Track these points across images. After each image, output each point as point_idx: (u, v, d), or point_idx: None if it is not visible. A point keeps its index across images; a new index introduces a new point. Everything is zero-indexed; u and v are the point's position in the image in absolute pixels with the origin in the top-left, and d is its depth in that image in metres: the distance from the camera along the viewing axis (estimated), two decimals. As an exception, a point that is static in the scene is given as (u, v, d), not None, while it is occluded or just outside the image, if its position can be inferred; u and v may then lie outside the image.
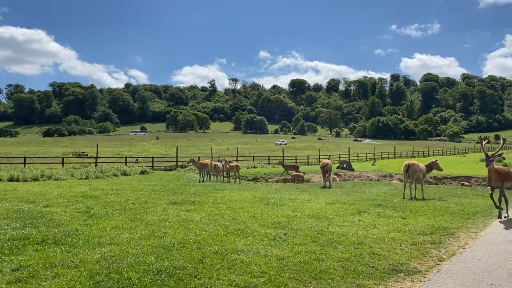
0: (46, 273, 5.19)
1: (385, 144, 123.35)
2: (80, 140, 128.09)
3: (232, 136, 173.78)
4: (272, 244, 7.18)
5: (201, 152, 62.88)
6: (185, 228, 8.36)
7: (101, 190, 15.56)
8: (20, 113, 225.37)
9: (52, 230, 7.73)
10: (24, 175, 20.92)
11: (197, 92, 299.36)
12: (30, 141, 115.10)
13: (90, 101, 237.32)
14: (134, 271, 5.36)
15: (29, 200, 12.13)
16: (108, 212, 10.15)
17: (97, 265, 5.56)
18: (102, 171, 25.08)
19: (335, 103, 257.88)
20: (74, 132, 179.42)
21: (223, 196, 14.42)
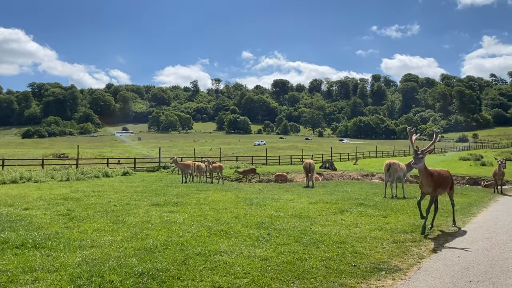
0: (25, 278, 5.10)
1: (367, 143, 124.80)
2: (60, 141, 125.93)
3: (215, 136, 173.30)
4: (256, 244, 7.20)
5: (184, 152, 62.49)
6: (168, 230, 8.31)
7: (82, 192, 15.34)
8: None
9: (32, 234, 7.60)
10: (3, 178, 20.46)
11: (179, 93, 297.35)
12: (9, 143, 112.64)
13: (70, 101, 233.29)
14: (116, 274, 5.31)
15: (7, 203, 11.89)
16: (89, 215, 10.02)
17: (78, 269, 5.49)
18: (83, 173, 24.72)
19: (317, 103, 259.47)
20: (54, 133, 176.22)
21: (206, 197, 14.39)
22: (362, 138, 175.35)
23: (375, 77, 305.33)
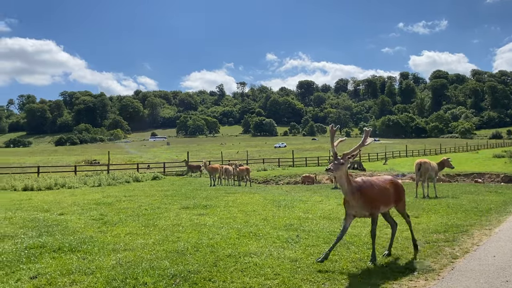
0: (63, 280, 5.29)
1: (396, 142, 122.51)
2: (91, 148, 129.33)
3: (241, 139, 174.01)
4: (285, 246, 7.22)
5: (211, 156, 63.09)
6: (198, 232, 8.43)
7: (114, 197, 15.73)
8: (32, 123, 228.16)
9: (68, 238, 7.86)
10: (38, 184, 21.21)
11: (206, 97, 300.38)
12: (43, 151, 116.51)
13: (100, 109, 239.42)
14: (149, 276, 5.44)
15: (44, 208, 12.31)
16: (121, 219, 10.27)
17: (113, 271, 5.65)
18: (114, 178, 25.31)
19: (344, 103, 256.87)
20: (85, 140, 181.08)
21: (234, 199, 14.49)
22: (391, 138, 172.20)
23: (403, 74, 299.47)
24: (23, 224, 9.44)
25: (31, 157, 72.09)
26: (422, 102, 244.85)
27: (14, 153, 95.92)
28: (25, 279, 5.35)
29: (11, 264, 6.04)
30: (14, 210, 11.92)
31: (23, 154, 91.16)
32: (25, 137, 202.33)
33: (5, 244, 7.27)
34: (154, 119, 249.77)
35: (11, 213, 11.22)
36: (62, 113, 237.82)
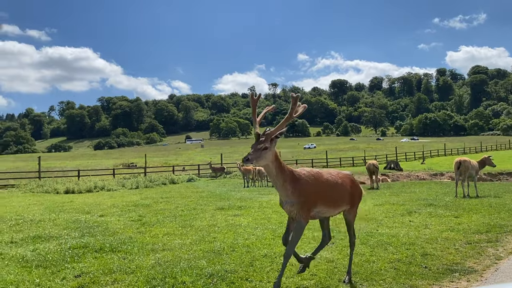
0: (106, 279, 5.47)
1: (434, 141, 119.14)
2: (129, 151, 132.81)
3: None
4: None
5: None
6: (233, 233, 8.51)
7: (151, 198, 16.10)
8: (72, 128, 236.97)
9: (108, 238, 8.11)
10: (79, 187, 21.98)
11: (238, 99, 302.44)
12: (83, 155, 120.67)
13: (136, 113, 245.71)
14: (188, 275, 5.54)
15: (85, 210, 12.75)
16: (159, 220, 10.50)
17: (153, 270, 5.80)
18: (151, 180, 25.91)
19: (378, 101, 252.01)
20: (123, 144, 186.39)
21: (268, 200, 14.52)
22: (429, 136, 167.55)
23: (440, 71, 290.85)
24: (66, 226, 9.82)
25: (71, 161, 74.80)
26: (460, 99, 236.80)
27: (56, 157, 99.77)
28: (70, 277, 5.57)
29: (57, 263, 6.30)
30: (57, 212, 12.42)
31: (64, 158, 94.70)
32: (66, 142, 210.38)
33: (50, 244, 7.59)
34: (188, 122, 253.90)
35: (54, 215, 11.69)
36: (100, 118, 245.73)
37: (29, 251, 7.03)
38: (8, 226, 9.65)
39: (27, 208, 13.52)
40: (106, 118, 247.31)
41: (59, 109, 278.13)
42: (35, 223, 10.12)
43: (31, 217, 11.01)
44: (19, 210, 12.90)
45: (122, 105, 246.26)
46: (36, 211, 12.58)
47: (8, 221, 10.42)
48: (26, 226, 9.76)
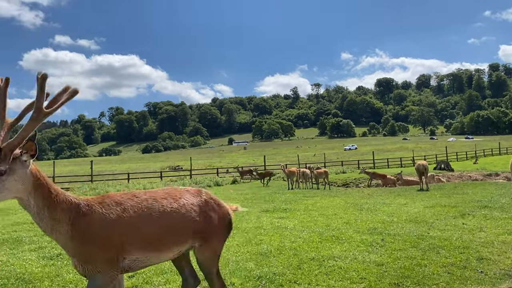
0: (158, 279, 5.64)
1: (488, 140, 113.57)
2: (174, 154, 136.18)
3: (317, 141, 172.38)
4: (369, 250, 7.03)
5: (287, 159, 63.25)
6: (279, 235, 8.51)
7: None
8: (121, 133, 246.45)
9: (159, 240, 8.34)
10: (129, 190, 22.78)
11: (280, 101, 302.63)
12: (131, 158, 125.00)
13: (181, 117, 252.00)
14: (236, 277, 5.61)
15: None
16: (206, 222, 10.66)
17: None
18: (197, 183, 26.45)
19: (427, 100, 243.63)
20: (169, 147, 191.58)
21: (314, 203, 14.39)
22: (481, 135, 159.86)
23: (493, 66, 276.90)
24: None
25: (121, 165, 77.71)
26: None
27: (106, 161, 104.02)
28: (124, 278, 5.79)
29: (111, 263, 6.56)
30: (110, 213, 12.93)
31: (114, 162, 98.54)
32: (116, 146, 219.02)
33: (105, 245, 7.92)
34: (231, 124, 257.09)
35: (107, 216, 12.18)
36: (147, 122, 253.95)
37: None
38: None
39: (82, 210, 14.16)
40: (153, 122, 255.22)
41: (109, 115, 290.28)
42: (90, 225, 10.58)
43: (86, 219, 11.54)
44: (74, 212, 13.54)
45: (167, 109, 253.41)
46: (90, 213, 13.16)
47: (65, 222, 10.96)
48: (81, 227, 10.23)
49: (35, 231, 9.70)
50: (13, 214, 13.67)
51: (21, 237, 8.93)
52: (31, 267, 6.37)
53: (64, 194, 3.20)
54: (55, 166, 30.41)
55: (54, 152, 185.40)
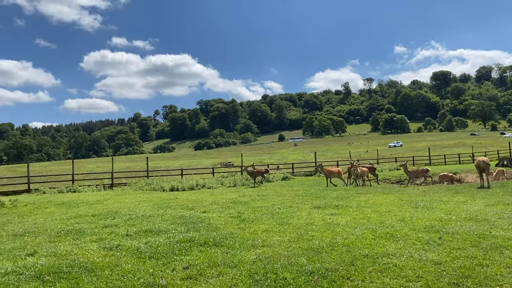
0: (211, 272, 5.77)
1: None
2: (225, 151, 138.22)
3: (370, 137, 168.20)
4: (426, 248, 6.78)
5: (339, 156, 62.25)
6: (331, 232, 8.41)
7: (248, 196, 16.57)
8: (175, 130, 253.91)
9: (212, 234, 8.54)
10: (183, 185, 23.42)
11: (331, 97, 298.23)
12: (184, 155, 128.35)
13: (232, 114, 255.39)
14: (288, 271, 5.62)
15: (189, 207, 13.56)
16: (257, 217, 10.77)
17: (254, 265, 5.98)
18: (248, 179, 26.65)
19: (487, 93, 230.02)
20: (220, 144, 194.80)
21: (367, 199, 14.09)
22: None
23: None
24: (173, 221, 10.53)
25: (174, 161, 79.96)
26: None
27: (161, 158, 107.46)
28: (179, 269, 5.98)
29: (167, 255, 6.80)
30: (164, 208, 13.38)
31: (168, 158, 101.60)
32: (169, 143, 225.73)
33: (160, 238, 8.21)
34: (281, 121, 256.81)
35: (162, 211, 12.62)
36: (199, 120, 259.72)
37: (142, 244, 7.69)
38: (123, 221, 10.65)
39: (138, 205, 14.76)
40: (204, 120, 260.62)
41: (163, 113, 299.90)
42: (145, 218, 11.02)
43: (142, 213, 12.01)
44: (131, 206, 14.14)
45: (219, 107, 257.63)
46: (146, 207, 13.69)
47: (123, 216, 11.48)
48: (138, 220, 10.68)
49: (96, 223, 10.25)
50: (76, 207, 14.51)
51: (83, 229, 9.46)
52: (93, 256, 6.74)
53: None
54: (113, 162, 31.86)
55: (112, 149, 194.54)
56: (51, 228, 9.72)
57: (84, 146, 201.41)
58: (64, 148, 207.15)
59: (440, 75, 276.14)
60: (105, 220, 10.74)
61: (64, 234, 8.97)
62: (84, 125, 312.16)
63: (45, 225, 10.26)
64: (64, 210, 13.77)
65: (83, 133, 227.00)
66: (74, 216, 11.87)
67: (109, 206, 14.24)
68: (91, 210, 13.08)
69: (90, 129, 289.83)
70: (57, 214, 12.60)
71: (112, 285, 5.40)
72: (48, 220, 11.37)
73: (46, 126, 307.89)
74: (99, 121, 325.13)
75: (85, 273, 5.85)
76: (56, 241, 8.26)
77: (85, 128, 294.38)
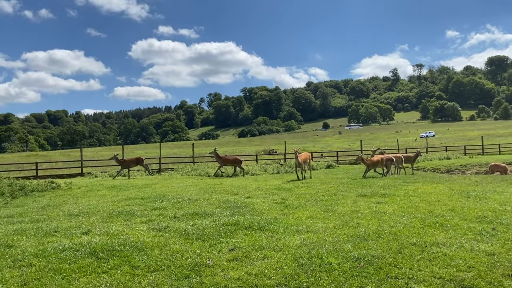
0: (256, 254, 5.86)
1: None
2: (269, 139, 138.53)
3: (419, 126, 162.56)
4: (478, 238, 6.52)
5: (386, 144, 60.75)
6: (378, 220, 8.27)
7: (292, 183, 16.58)
8: (219, 117, 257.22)
9: (256, 218, 8.64)
10: (227, 171, 23.77)
11: (378, 83, 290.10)
12: (228, 142, 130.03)
13: (275, 102, 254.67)
14: (334, 257, 5.60)
15: (233, 192, 13.77)
16: (301, 203, 10.77)
17: (299, 250, 6.01)
18: (291, 166, 26.61)
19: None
20: (263, 132, 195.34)
21: (415, 189, 13.70)
22: None
23: None
24: (218, 205, 10.75)
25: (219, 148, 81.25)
26: None
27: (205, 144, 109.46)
28: (225, 250, 6.12)
29: (213, 237, 6.97)
30: (210, 192, 13.66)
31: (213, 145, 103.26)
32: (214, 131, 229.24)
33: (206, 221, 8.42)
34: (326, 109, 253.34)
35: (208, 195, 12.90)
36: (243, 107, 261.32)
37: (189, 226, 7.92)
38: (171, 204, 10.99)
39: (185, 189, 15.16)
40: (248, 107, 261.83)
41: (208, 101, 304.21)
42: (192, 202, 11.31)
43: (189, 197, 12.33)
44: (178, 190, 14.54)
45: (262, 94, 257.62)
46: (192, 192, 14.04)
47: (171, 199, 11.84)
48: (185, 204, 10.98)
49: (145, 206, 10.64)
50: (126, 190, 15.11)
51: (133, 211, 9.86)
52: (143, 237, 7.03)
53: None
54: (161, 148, 32.81)
55: (160, 136, 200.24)
56: (103, 209, 10.21)
57: (133, 133, 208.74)
58: (114, 134, 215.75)
59: (496, 60, 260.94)
60: (153, 203, 11.13)
61: (116, 215, 9.38)
62: (133, 112, 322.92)
63: (97, 207, 10.79)
64: (115, 192, 14.39)
65: (132, 120, 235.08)
66: (124, 198, 12.37)
67: (157, 190, 14.72)
68: (140, 193, 13.58)
69: (138, 116, 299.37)
70: (108, 197, 13.19)
71: (162, 263, 5.61)
72: (100, 202, 11.94)
73: (97, 113, 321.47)
74: (147, 108, 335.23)
75: (136, 251, 6.12)
76: (108, 221, 8.67)
77: (134, 115, 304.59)
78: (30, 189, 15.80)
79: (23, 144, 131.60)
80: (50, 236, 7.33)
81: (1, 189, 15.09)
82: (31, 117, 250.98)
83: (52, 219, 9.13)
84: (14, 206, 12.20)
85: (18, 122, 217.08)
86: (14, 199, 13.87)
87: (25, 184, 16.49)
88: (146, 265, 5.56)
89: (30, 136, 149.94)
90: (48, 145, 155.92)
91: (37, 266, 5.58)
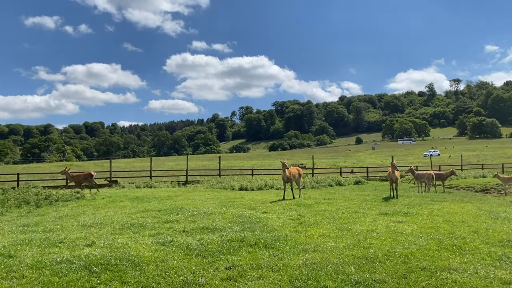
0: (252, 274, 5.62)
1: None
2: (299, 152, 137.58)
3: (455, 142, 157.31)
4: (496, 264, 6.03)
5: (419, 161, 58.97)
6: (392, 240, 7.86)
7: (314, 199, 16.20)
8: (250, 131, 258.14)
9: (265, 235, 8.39)
10: (251, 185, 23.60)
11: (413, 98, 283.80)
12: (258, 155, 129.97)
13: (307, 116, 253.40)
14: (332, 280, 5.29)
15: (251, 206, 13.56)
16: (317, 220, 10.43)
17: (297, 271, 5.73)
18: (318, 181, 26.16)
19: None
20: (294, 146, 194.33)
21: (440, 208, 13.07)
22: None
23: None
24: (231, 219, 10.57)
25: (248, 161, 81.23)
26: None
27: (236, 157, 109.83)
28: (221, 269, 5.92)
29: (214, 254, 6.78)
30: (228, 206, 13.52)
31: (243, 158, 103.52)
32: (245, 144, 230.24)
33: (214, 236, 8.25)
34: (359, 123, 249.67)
35: (225, 209, 12.75)
36: (274, 121, 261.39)
37: (194, 240, 7.77)
38: (185, 217, 10.90)
39: (205, 202, 15.08)
40: (279, 121, 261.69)
41: (239, 114, 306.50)
42: (207, 215, 11.19)
43: (205, 210, 12.22)
44: (197, 203, 14.48)
45: (294, 108, 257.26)
46: (210, 205, 13.94)
47: (186, 212, 11.77)
48: (199, 217, 10.86)
49: (159, 218, 10.60)
50: (147, 202, 15.20)
51: (145, 223, 9.83)
52: (144, 251, 6.93)
53: None
54: (188, 161, 33.10)
55: (192, 148, 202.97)
56: (117, 221, 10.23)
57: (166, 145, 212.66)
58: (148, 146, 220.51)
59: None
60: (168, 216, 11.08)
61: (127, 227, 9.37)
62: (166, 125, 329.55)
63: (113, 218, 10.83)
64: (135, 204, 14.49)
65: (166, 132, 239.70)
66: (142, 210, 12.40)
67: (177, 202, 14.71)
68: (159, 205, 13.60)
69: (172, 128, 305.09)
70: (127, 208, 13.28)
71: (153, 280, 5.47)
72: (118, 213, 12.01)
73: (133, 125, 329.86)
74: (180, 121, 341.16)
75: (131, 266, 6.01)
76: (117, 233, 8.66)
77: (168, 127, 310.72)
78: (55, 199, 16.14)
79: (61, 154, 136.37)
80: (54, 247, 7.35)
81: (28, 198, 15.53)
82: (69, 128, 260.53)
83: (64, 230, 9.21)
84: (35, 215, 12.46)
85: (57, 133, 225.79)
86: (38, 208, 14.20)
87: (51, 194, 16.90)
88: (137, 281, 5.43)
89: (67, 147, 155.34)
90: (84, 155, 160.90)
91: (28, 278, 5.57)
